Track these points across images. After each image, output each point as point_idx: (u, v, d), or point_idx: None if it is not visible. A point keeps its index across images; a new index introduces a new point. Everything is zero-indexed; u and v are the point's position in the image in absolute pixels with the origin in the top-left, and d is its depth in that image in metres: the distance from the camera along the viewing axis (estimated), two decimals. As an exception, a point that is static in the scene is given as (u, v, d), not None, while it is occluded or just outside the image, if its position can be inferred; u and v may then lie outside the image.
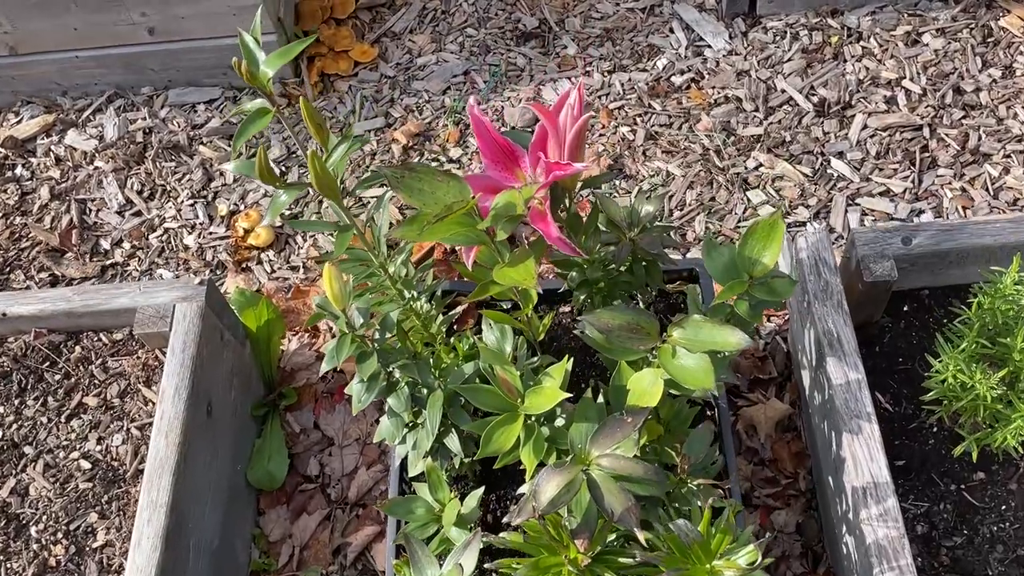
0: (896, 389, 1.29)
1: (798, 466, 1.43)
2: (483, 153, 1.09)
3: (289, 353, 1.61)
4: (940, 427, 1.25)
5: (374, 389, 1.16)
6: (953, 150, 1.71)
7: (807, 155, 1.75)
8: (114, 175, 1.89)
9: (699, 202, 1.72)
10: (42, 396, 1.34)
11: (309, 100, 1.96)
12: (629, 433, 0.99)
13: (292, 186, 1.11)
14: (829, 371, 1.20)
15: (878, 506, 1.10)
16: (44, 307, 1.38)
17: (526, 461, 1.09)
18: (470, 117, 1.06)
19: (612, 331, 1.04)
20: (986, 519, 1.20)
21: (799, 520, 1.39)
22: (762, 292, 1.05)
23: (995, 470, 1.22)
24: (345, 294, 1.08)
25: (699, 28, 1.93)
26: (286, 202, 1.11)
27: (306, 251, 1.77)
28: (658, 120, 1.83)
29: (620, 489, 0.97)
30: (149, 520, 1.18)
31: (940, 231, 1.27)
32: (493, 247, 1.06)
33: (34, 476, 1.28)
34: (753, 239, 1.04)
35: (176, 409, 1.25)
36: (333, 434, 1.53)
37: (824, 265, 1.28)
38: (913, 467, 1.24)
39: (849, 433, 1.15)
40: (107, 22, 1.84)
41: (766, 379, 1.51)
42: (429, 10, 2.06)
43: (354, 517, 1.48)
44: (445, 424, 1.20)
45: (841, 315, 1.23)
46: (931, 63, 1.82)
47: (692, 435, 1.17)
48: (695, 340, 1.01)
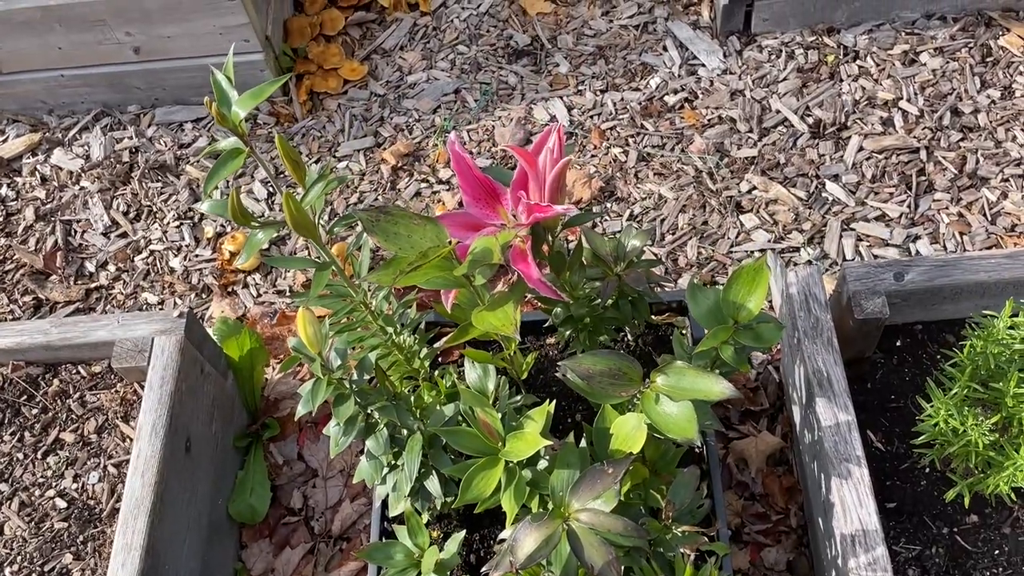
0: (888, 428, 1.26)
1: (790, 501, 1.41)
2: (464, 191, 1.07)
3: (273, 382, 1.58)
4: (932, 468, 1.22)
5: (352, 432, 1.13)
6: (950, 174, 1.68)
7: (802, 178, 1.72)
8: (100, 195, 1.87)
9: (691, 226, 1.69)
10: (19, 431, 1.32)
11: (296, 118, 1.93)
12: (610, 485, 0.97)
13: (268, 225, 1.08)
14: (819, 411, 1.17)
15: (867, 555, 1.07)
16: (22, 340, 1.35)
17: (507, 507, 1.07)
18: (451, 154, 1.04)
19: (593, 377, 1.01)
20: (979, 564, 1.17)
21: (790, 558, 1.37)
22: (747, 338, 1.02)
23: (988, 513, 1.19)
24: (320, 337, 1.05)
25: (693, 46, 1.90)
26: (262, 241, 1.09)
27: (292, 275, 1.74)
28: (650, 141, 1.80)
29: (601, 542, 0.95)
30: (123, 564, 1.16)
31: (934, 267, 1.24)
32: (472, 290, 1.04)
33: (9, 515, 1.26)
34: (738, 284, 1.01)
35: (153, 448, 1.23)
36: (317, 465, 1.51)
37: (814, 301, 1.25)
38: (905, 509, 1.21)
39: (838, 477, 1.12)
40: (92, 41, 1.82)
41: (757, 411, 1.48)
42: (420, 26, 2.03)
43: (338, 551, 1.45)
44: (425, 466, 1.18)
45: (832, 354, 1.20)
46: (929, 83, 1.79)
47: (677, 480, 1.14)
48: (678, 388, 0.99)
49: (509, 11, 2.02)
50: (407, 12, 2.05)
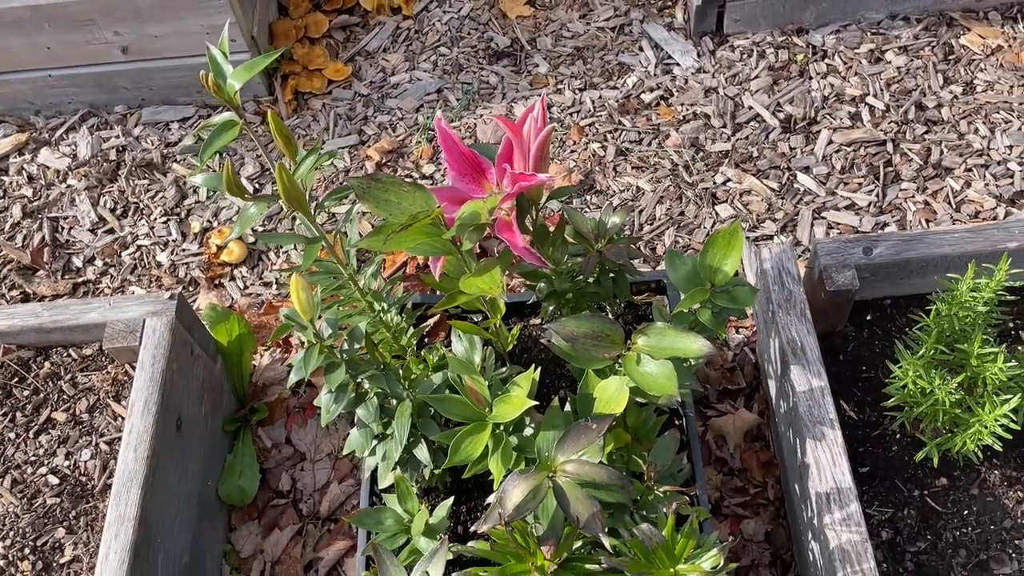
0: (860, 397, 1.31)
1: (767, 475, 1.45)
2: (450, 166, 1.10)
3: (261, 368, 1.61)
4: (903, 434, 1.27)
5: (343, 400, 1.16)
6: (916, 164, 1.74)
7: (774, 170, 1.78)
8: (87, 193, 1.90)
9: (668, 216, 1.74)
10: (10, 412, 1.34)
11: (282, 117, 1.97)
12: (594, 439, 1.00)
13: (260, 199, 1.12)
14: (793, 379, 1.21)
15: (841, 511, 1.11)
16: (13, 323, 1.37)
17: (494, 470, 1.10)
18: (437, 130, 1.08)
19: (577, 339, 1.05)
20: (949, 524, 1.22)
21: (768, 529, 1.40)
22: (724, 300, 1.07)
23: (957, 476, 1.24)
24: (313, 305, 1.08)
25: (668, 47, 1.97)
26: (255, 215, 1.12)
27: (279, 267, 1.78)
28: (628, 136, 1.85)
29: (586, 496, 0.98)
30: (117, 534, 1.17)
31: (900, 241, 1.30)
32: (460, 257, 1.07)
33: (1, 492, 1.27)
34: (714, 248, 1.06)
35: (145, 423, 1.25)
36: (305, 449, 1.53)
37: (788, 275, 1.30)
38: (877, 473, 1.26)
39: (813, 439, 1.17)
40: (80, 41, 1.85)
41: (735, 390, 1.53)
42: (402, 30, 2.09)
43: (326, 532, 1.47)
44: (414, 435, 1.21)
45: (805, 324, 1.25)
46: (894, 80, 1.86)
47: (658, 443, 1.18)
48: (658, 347, 1.03)
49: (489, 15, 2.08)
50: (390, 16, 2.10)
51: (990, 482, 1.23)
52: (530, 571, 1.01)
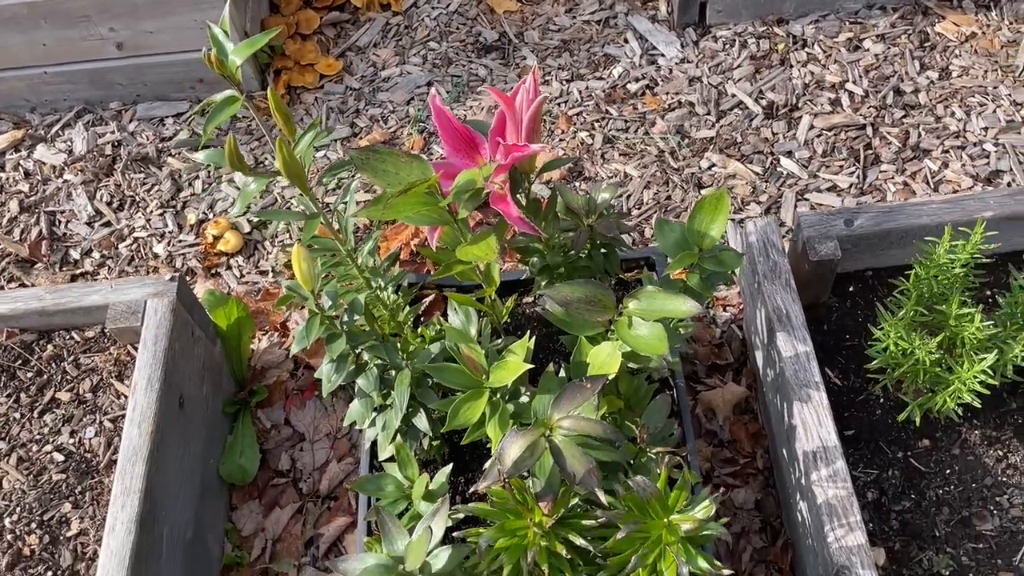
0: (844, 365, 1.35)
1: (755, 446, 1.48)
2: (444, 141, 1.14)
3: (259, 352, 1.64)
4: (886, 398, 1.31)
5: (343, 370, 1.19)
6: (895, 147, 1.80)
7: (757, 155, 1.82)
8: (83, 187, 1.92)
9: (656, 201, 1.79)
10: (15, 393, 1.36)
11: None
12: (589, 397, 1.04)
13: (261, 175, 1.15)
14: (779, 345, 1.25)
15: (827, 468, 1.15)
16: (16, 306, 1.40)
17: (492, 435, 1.13)
18: (432, 107, 1.11)
19: (571, 304, 1.09)
20: (932, 483, 1.26)
21: (758, 497, 1.44)
22: (711, 264, 1.11)
23: (939, 437, 1.28)
24: (314, 276, 1.12)
25: (652, 38, 2.01)
26: (255, 191, 1.15)
27: (275, 256, 1.81)
28: (615, 125, 1.90)
29: (582, 453, 1.02)
30: (123, 506, 1.20)
31: (880, 213, 1.34)
32: (456, 227, 1.11)
33: (7, 470, 1.30)
34: (701, 213, 1.10)
35: (148, 400, 1.28)
36: (304, 429, 1.56)
37: (772, 247, 1.34)
38: (862, 437, 1.30)
39: (799, 401, 1.21)
40: (76, 37, 1.88)
41: (723, 364, 1.57)
42: (392, 25, 2.13)
43: (326, 509, 1.50)
44: (413, 405, 1.24)
45: (789, 293, 1.29)
46: (872, 67, 1.91)
47: (650, 406, 1.22)
48: (649, 309, 1.07)
49: (477, 10, 2.12)
50: (379, 12, 2.15)
51: (971, 442, 1.27)
52: (528, 527, 1.04)
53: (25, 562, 1.22)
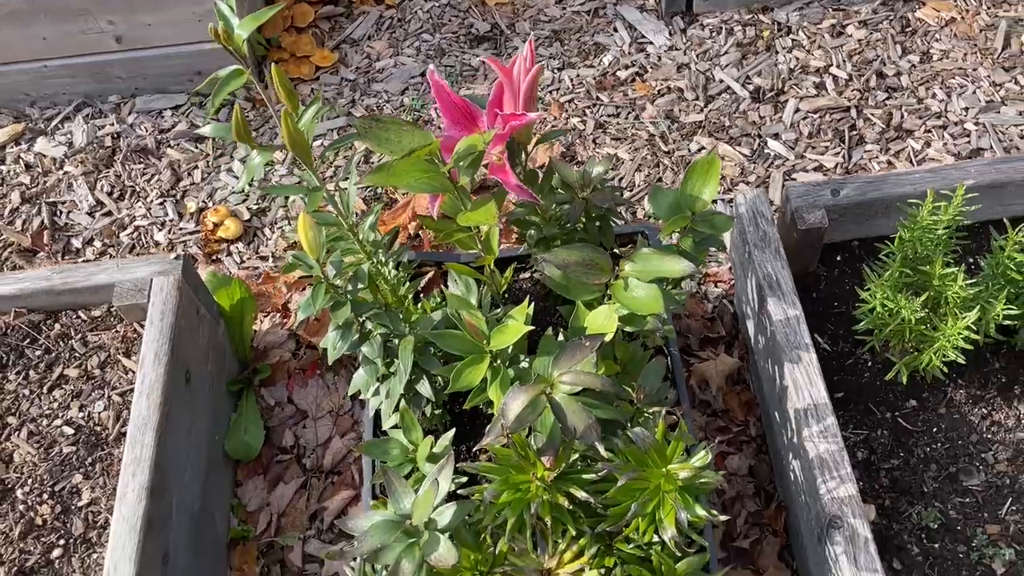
0: (833, 331, 1.39)
1: (748, 415, 1.52)
2: (443, 115, 1.17)
3: (261, 333, 1.67)
4: (874, 361, 1.35)
5: (348, 338, 1.23)
6: (879, 128, 1.84)
7: (745, 137, 1.87)
8: (84, 178, 1.95)
9: (647, 183, 1.83)
10: (24, 370, 1.39)
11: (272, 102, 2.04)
12: (588, 354, 1.07)
13: (265, 148, 1.18)
14: (770, 310, 1.30)
15: (818, 424, 1.19)
16: (24, 286, 1.43)
17: (494, 398, 1.17)
18: (430, 82, 1.15)
19: (569, 266, 1.13)
20: (920, 441, 1.30)
21: (751, 463, 1.48)
22: (704, 226, 1.15)
23: (926, 397, 1.32)
24: (320, 244, 1.15)
25: (641, 27, 2.06)
26: (260, 164, 1.19)
27: (274, 242, 1.84)
28: (606, 111, 1.94)
29: (582, 408, 1.05)
30: (134, 474, 1.23)
31: (865, 183, 1.39)
32: (457, 195, 1.14)
33: (18, 443, 1.32)
34: (693, 178, 1.14)
35: (157, 373, 1.31)
36: (307, 407, 1.59)
37: (762, 217, 1.38)
38: (851, 399, 1.34)
39: (790, 362, 1.25)
40: (75, 31, 1.91)
41: (715, 338, 1.61)
42: (386, 18, 2.17)
43: (329, 484, 1.53)
44: (416, 372, 1.27)
45: (779, 260, 1.34)
46: (855, 52, 1.96)
47: (646, 368, 1.25)
48: (645, 270, 1.11)
49: (469, 2, 2.17)
50: (373, 5, 2.19)
51: (956, 401, 1.31)
52: (531, 480, 1.08)
53: (38, 531, 1.25)
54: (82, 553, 1.23)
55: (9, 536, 1.24)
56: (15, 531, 1.24)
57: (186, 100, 2.06)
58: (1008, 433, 1.28)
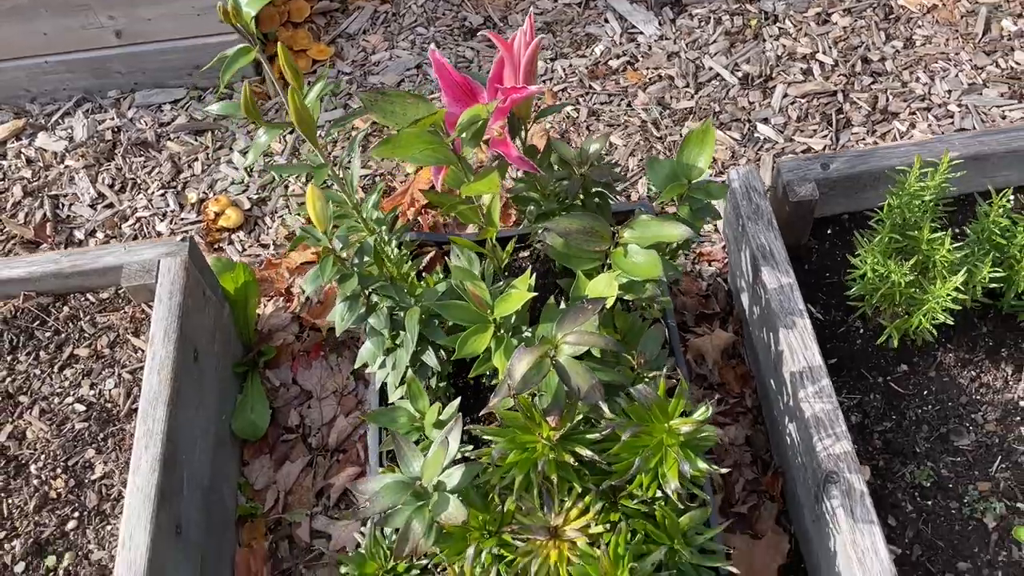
0: (825, 300, 1.43)
1: (743, 387, 1.56)
2: (445, 92, 1.21)
3: (265, 317, 1.70)
4: (866, 328, 1.39)
5: (355, 310, 1.26)
6: (865, 111, 1.89)
7: (735, 122, 1.91)
8: (85, 171, 1.98)
9: (640, 167, 1.87)
10: (34, 351, 1.41)
11: (270, 96, 2.07)
12: (590, 316, 1.11)
13: (273, 125, 1.22)
14: (764, 279, 1.33)
15: (813, 385, 1.23)
16: (33, 269, 1.45)
17: (498, 365, 1.20)
18: (432, 60, 1.18)
19: (571, 234, 1.16)
20: (911, 404, 1.34)
21: (748, 434, 1.52)
22: (700, 193, 1.19)
23: (916, 361, 1.36)
24: (328, 216, 1.18)
25: (631, 18, 2.11)
26: (266, 142, 1.22)
27: (275, 230, 1.87)
28: (599, 99, 1.98)
29: (585, 369, 1.08)
30: (147, 447, 1.25)
31: (854, 156, 1.43)
32: (460, 167, 1.18)
33: (31, 421, 1.35)
34: (688, 147, 1.18)
35: (167, 349, 1.34)
36: (311, 388, 1.62)
37: (754, 191, 1.42)
38: (844, 365, 1.38)
39: (785, 328, 1.28)
40: (76, 26, 1.94)
41: (710, 314, 1.65)
42: (380, 13, 2.21)
43: (335, 462, 1.56)
44: (422, 344, 1.30)
45: (772, 231, 1.37)
46: (840, 39, 2.01)
47: (646, 335, 1.29)
48: (644, 236, 1.14)
49: (462, -4, 2.21)
50: (368, 0, 2.22)
51: (946, 364, 1.35)
52: (537, 440, 1.11)
53: (52, 504, 1.27)
54: (96, 525, 1.26)
55: (24, 510, 1.26)
56: (30, 504, 1.27)
57: (185, 94, 2.09)
58: (996, 394, 1.32)
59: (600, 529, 1.10)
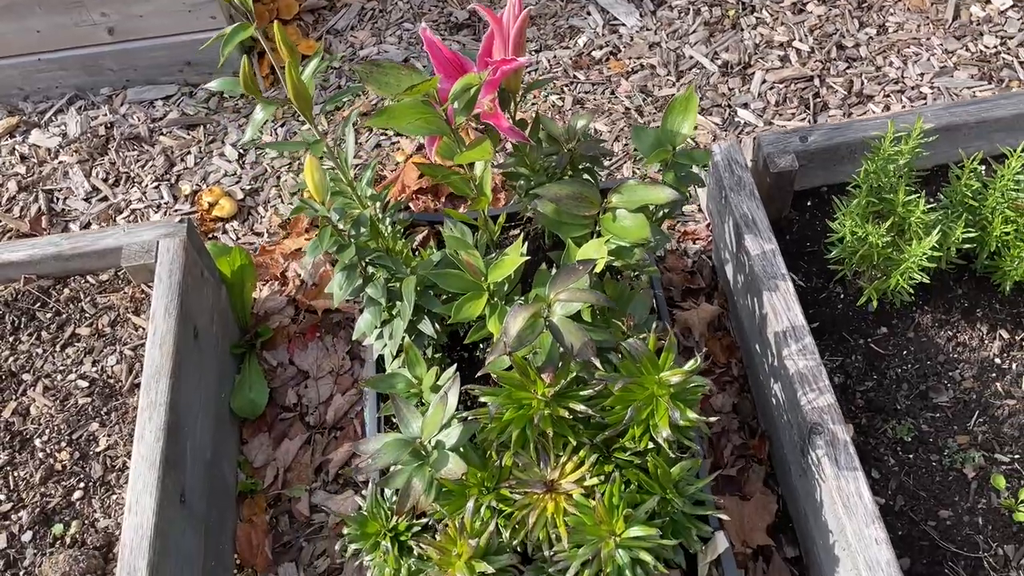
0: (807, 268, 1.48)
1: (729, 357, 1.61)
2: (436, 69, 1.25)
3: (261, 300, 1.73)
4: (846, 294, 1.44)
5: (353, 280, 1.30)
6: (841, 94, 1.95)
7: (716, 108, 1.97)
8: (79, 166, 2.01)
9: (625, 152, 1.92)
10: (36, 331, 1.44)
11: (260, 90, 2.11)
12: (582, 276, 1.15)
13: (270, 101, 1.26)
14: (747, 246, 1.38)
15: (797, 343, 1.27)
16: (34, 252, 1.48)
17: (493, 330, 1.24)
18: (423, 38, 1.22)
19: (561, 200, 1.21)
20: (891, 364, 1.38)
21: (735, 401, 1.56)
22: (685, 159, 1.23)
23: (895, 323, 1.41)
24: (326, 186, 1.22)
25: (613, 10, 2.16)
26: (263, 119, 1.25)
27: (268, 219, 1.90)
28: (583, 88, 2.03)
29: (577, 328, 1.12)
30: (151, 417, 1.28)
31: (831, 129, 1.49)
32: (453, 138, 1.22)
33: (34, 397, 1.37)
34: (672, 114, 1.23)
35: (168, 325, 1.37)
36: (307, 368, 1.65)
37: (736, 164, 1.47)
38: (826, 329, 1.42)
39: (768, 291, 1.33)
40: (69, 23, 1.98)
41: (696, 289, 1.69)
42: (367, 10, 2.25)
43: (332, 438, 1.59)
44: (418, 314, 1.34)
45: (754, 201, 1.42)
46: (816, 27, 2.08)
47: (635, 300, 1.33)
48: (631, 200, 1.19)
49: (447, -8, 2.26)
50: (355, -2, 2.27)
51: (923, 325, 1.40)
52: (532, 397, 1.15)
53: (57, 476, 1.30)
54: (102, 495, 1.28)
55: (30, 482, 1.29)
56: (36, 476, 1.29)
57: (176, 91, 2.12)
58: (972, 352, 1.37)
59: (595, 481, 1.14)
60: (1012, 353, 1.37)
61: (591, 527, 1.11)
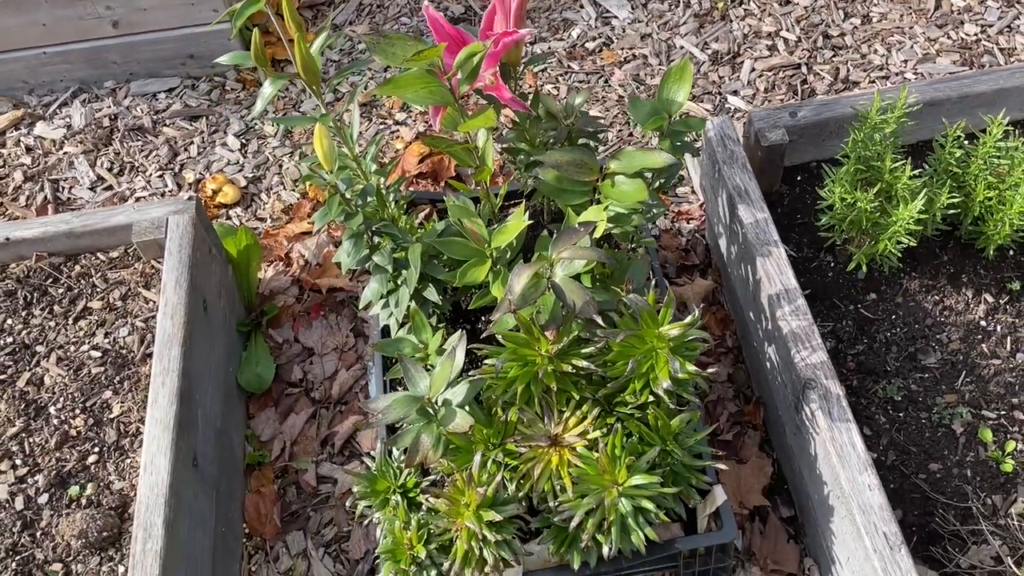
0: (798, 239, 1.53)
1: (724, 330, 1.65)
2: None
3: (266, 280, 1.77)
4: (836, 262, 1.49)
5: (360, 248, 1.34)
6: (828, 81, 2.01)
7: (708, 95, 2.02)
8: (84, 156, 2.05)
9: (619, 138, 1.97)
10: (48, 306, 1.47)
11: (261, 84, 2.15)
12: (583, 236, 1.19)
13: (278, 76, 1.30)
14: (740, 216, 1.43)
15: (790, 305, 1.32)
16: (46, 229, 1.52)
17: (496, 294, 1.28)
18: (426, 15, 1.27)
19: (562, 166, 1.25)
20: (880, 328, 1.43)
21: (730, 371, 1.60)
22: (680, 126, 1.28)
23: (883, 289, 1.46)
24: (334, 155, 1.26)
25: (605, 3, 2.22)
26: (272, 93, 1.30)
27: (271, 205, 1.94)
28: (577, 78, 2.09)
29: (579, 287, 1.17)
30: (163, 383, 1.32)
31: (820, 104, 1.54)
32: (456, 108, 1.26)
33: (48, 367, 1.41)
34: (668, 83, 1.28)
35: (178, 296, 1.40)
36: (312, 345, 1.69)
37: (728, 139, 1.52)
38: (818, 296, 1.47)
39: (761, 257, 1.38)
40: (74, 16, 2.02)
41: (690, 265, 1.74)
42: (365, 5, 2.31)
43: (338, 412, 1.62)
44: (423, 282, 1.38)
45: (746, 173, 1.47)
46: (802, 17, 2.14)
47: (634, 264, 1.38)
48: (629, 165, 1.24)
49: (443, -12, 2.32)
50: (353, -7, 2.33)
51: (911, 291, 1.45)
52: (536, 354, 1.19)
53: (72, 441, 1.33)
54: (116, 459, 1.31)
55: (46, 447, 1.32)
56: (51, 442, 1.32)
57: (179, 83, 2.17)
58: (959, 316, 1.42)
59: (597, 434, 1.18)
60: (996, 316, 1.42)
61: (594, 477, 1.15)
